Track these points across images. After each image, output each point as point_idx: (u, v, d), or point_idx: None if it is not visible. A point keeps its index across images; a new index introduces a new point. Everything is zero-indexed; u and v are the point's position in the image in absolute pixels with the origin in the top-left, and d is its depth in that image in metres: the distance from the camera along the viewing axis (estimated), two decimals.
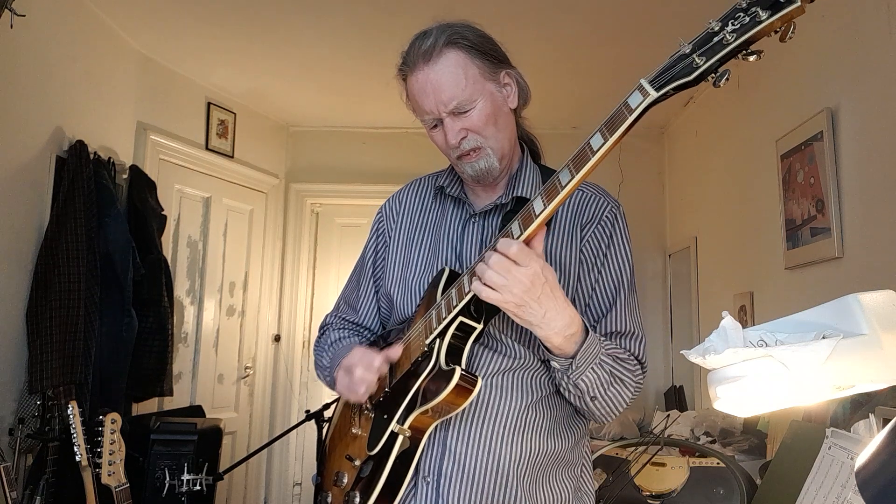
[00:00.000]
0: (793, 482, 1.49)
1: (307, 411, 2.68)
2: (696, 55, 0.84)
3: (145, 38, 3.37)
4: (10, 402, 2.52)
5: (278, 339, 4.55)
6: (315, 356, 1.48)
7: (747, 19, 0.80)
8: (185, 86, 3.80)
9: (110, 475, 2.15)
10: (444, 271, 1.23)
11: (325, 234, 4.76)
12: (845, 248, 2.16)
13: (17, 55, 2.52)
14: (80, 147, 2.81)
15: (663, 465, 2.17)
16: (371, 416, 1.26)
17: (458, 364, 1.14)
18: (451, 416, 1.17)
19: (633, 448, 2.23)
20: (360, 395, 1.22)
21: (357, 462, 1.26)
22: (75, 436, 2.12)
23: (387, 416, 1.20)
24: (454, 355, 1.15)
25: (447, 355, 1.15)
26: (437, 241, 1.33)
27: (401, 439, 1.16)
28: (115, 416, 2.21)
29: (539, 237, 1.07)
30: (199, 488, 2.62)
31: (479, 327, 1.16)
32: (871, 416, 1.39)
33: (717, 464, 2.12)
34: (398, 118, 4.26)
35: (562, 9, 2.92)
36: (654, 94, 0.87)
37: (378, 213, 1.47)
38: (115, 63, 3.26)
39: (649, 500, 2.13)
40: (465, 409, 1.15)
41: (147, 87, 3.52)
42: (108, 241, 2.88)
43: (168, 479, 2.62)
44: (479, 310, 1.15)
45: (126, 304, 2.90)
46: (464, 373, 1.11)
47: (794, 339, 0.76)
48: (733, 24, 0.80)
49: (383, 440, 1.18)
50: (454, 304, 1.13)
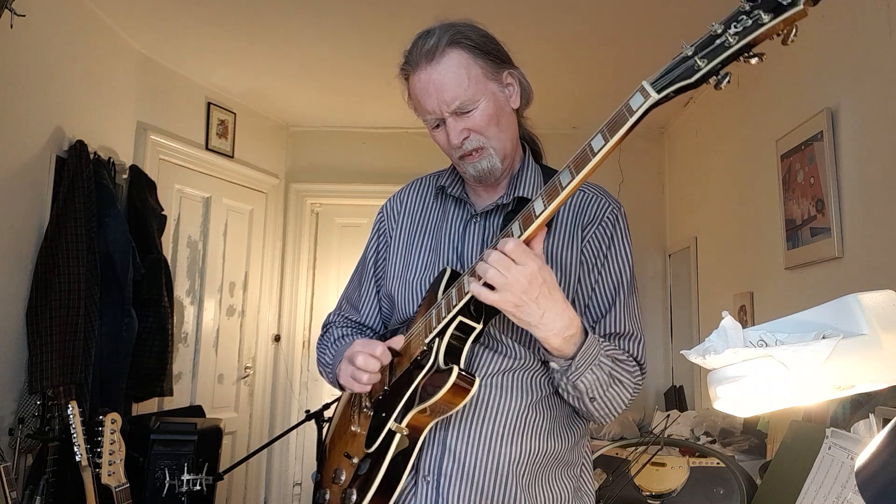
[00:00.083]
0: (793, 482, 1.48)
1: (307, 411, 2.69)
2: (697, 57, 0.83)
3: (145, 38, 3.37)
4: (10, 402, 2.52)
5: (278, 339, 4.55)
6: (318, 354, 1.48)
7: (750, 22, 0.79)
8: (185, 86, 3.80)
9: (110, 475, 2.15)
10: (445, 271, 1.23)
11: (325, 234, 4.76)
12: (845, 248, 2.16)
13: (17, 55, 2.52)
14: (80, 147, 2.81)
15: (663, 465, 2.17)
16: (370, 414, 1.26)
17: (457, 363, 1.14)
18: (450, 416, 1.17)
19: (633, 448, 2.23)
20: (364, 383, 1.20)
21: (355, 459, 1.26)
22: (75, 436, 2.12)
23: (385, 414, 1.20)
24: (453, 355, 1.15)
25: (446, 355, 1.15)
26: (439, 241, 1.33)
27: (398, 437, 1.16)
28: (115, 416, 2.21)
29: (539, 238, 1.07)
30: (199, 488, 2.62)
31: (479, 327, 1.16)
32: (871, 416, 1.39)
33: (717, 464, 2.12)
34: (398, 118, 4.29)
35: (562, 9, 2.92)
36: (655, 96, 0.87)
37: (379, 213, 1.47)
38: (115, 63, 3.26)
39: (649, 500, 2.13)
40: (464, 408, 1.15)
41: (147, 87, 3.52)
42: (108, 241, 2.88)
43: (168, 479, 2.62)
44: (478, 310, 1.15)
45: (126, 304, 2.90)
46: (462, 372, 1.11)
47: (794, 339, 0.76)
48: (735, 27, 0.80)
49: (381, 438, 1.18)
50: (454, 303, 1.13)
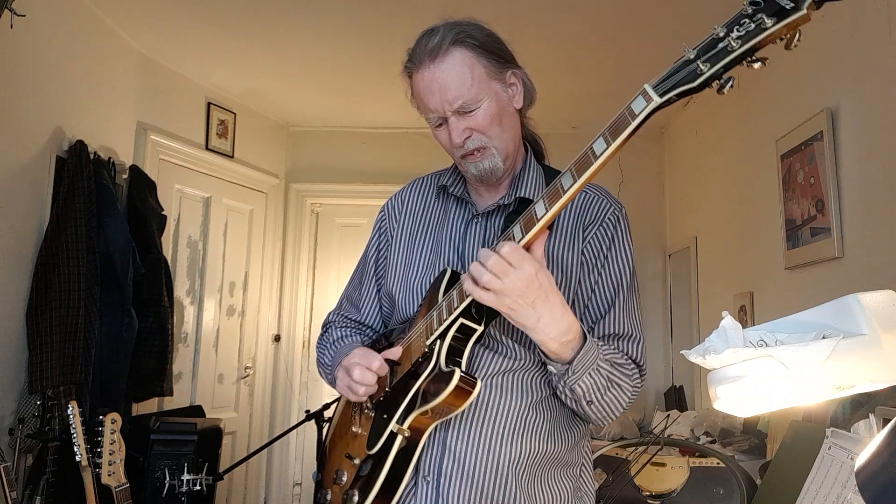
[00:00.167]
0: (793, 482, 1.48)
1: (307, 411, 2.69)
2: (700, 61, 0.82)
3: (145, 38, 3.37)
4: (10, 402, 2.52)
5: (278, 339, 4.55)
6: (317, 353, 1.48)
7: (752, 26, 0.78)
8: (185, 86, 3.80)
9: (110, 475, 2.15)
10: (445, 272, 1.23)
11: (325, 234, 4.76)
12: (845, 248, 2.16)
13: (17, 55, 2.52)
14: (80, 147, 2.81)
15: (663, 465, 2.17)
16: (371, 415, 1.26)
17: (458, 366, 1.14)
18: (450, 417, 1.17)
19: (633, 448, 2.23)
20: (360, 395, 1.22)
21: (356, 461, 1.26)
22: (75, 436, 2.12)
23: (386, 415, 1.20)
24: (454, 357, 1.15)
25: (447, 357, 1.15)
26: (440, 241, 1.33)
27: (400, 439, 1.16)
28: (115, 416, 2.21)
29: (540, 241, 1.06)
30: (199, 488, 2.62)
31: (480, 329, 1.16)
32: (871, 416, 1.39)
33: (717, 464, 2.12)
34: (398, 118, 4.28)
35: (562, 9, 2.92)
36: (657, 100, 0.86)
37: (380, 212, 1.46)
38: (115, 63, 3.26)
39: (649, 500, 2.13)
40: (464, 409, 1.15)
41: (147, 87, 3.52)
42: (108, 241, 2.88)
43: (168, 479, 2.62)
44: (479, 311, 1.15)
45: (126, 304, 2.90)
46: (463, 374, 1.11)
47: (794, 339, 0.76)
48: (738, 31, 0.79)
49: (382, 440, 1.18)
50: (455, 305, 1.13)
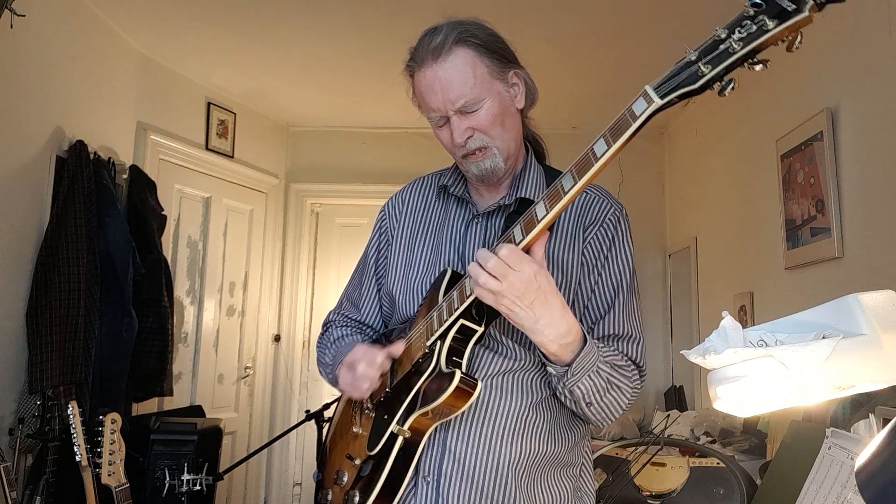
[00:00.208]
0: (793, 482, 1.48)
1: (307, 411, 2.69)
2: (701, 63, 0.82)
3: (145, 38, 3.37)
4: (10, 402, 2.52)
5: (278, 339, 4.55)
6: (318, 353, 1.48)
7: (754, 28, 0.78)
8: (185, 86, 3.80)
9: (110, 475, 2.15)
10: (446, 272, 1.22)
11: (325, 234, 4.76)
12: (845, 248, 2.16)
13: (17, 55, 2.52)
14: (80, 147, 2.81)
15: (663, 465, 2.17)
16: (372, 415, 1.26)
17: (459, 367, 1.14)
18: (451, 418, 1.17)
19: (633, 448, 2.23)
20: (363, 391, 1.22)
21: (357, 461, 1.26)
22: (75, 436, 2.12)
23: (387, 416, 1.20)
24: (455, 357, 1.15)
25: (448, 357, 1.15)
26: (440, 241, 1.32)
27: (400, 440, 1.16)
28: (115, 416, 2.21)
29: (540, 242, 1.06)
30: (199, 488, 2.63)
31: (480, 330, 1.16)
32: (871, 416, 1.39)
33: (717, 464, 2.12)
34: (398, 118, 4.28)
35: (562, 9, 2.92)
36: (658, 102, 0.86)
37: (381, 212, 1.46)
38: (115, 63, 3.26)
39: (649, 500, 2.13)
40: (464, 410, 1.15)
41: (147, 87, 3.52)
42: (108, 241, 2.88)
43: (168, 479, 2.62)
44: (480, 312, 1.14)
45: (126, 304, 2.90)
46: (464, 376, 1.11)
47: (794, 339, 0.76)
48: (740, 32, 0.79)
49: (383, 440, 1.18)
50: (455, 306, 1.13)
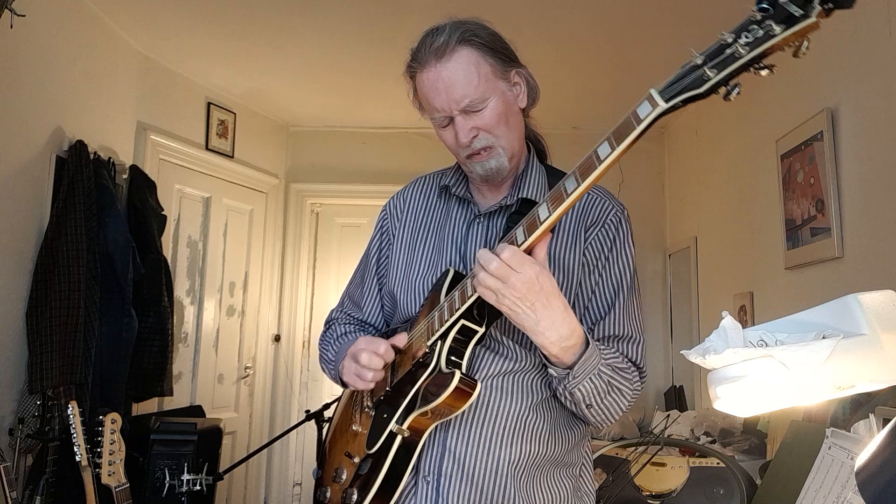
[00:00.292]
0: (793, 482, 1.48)
1: (307, 411, 2.69)
2: (707, 67, 0.81)
3: (145, 38, 3.37)
4: (10, 402, 2.52)
5: (278, 339, 4.55)
6: (320, 350, 1.48)
7: (761, 32, 0.77)
8: (185, 86, 3.80)
9: (110, 475, 2.15)
10: (448, 272, 1.22)
11: (325, 234, 4.76)
12: (845, 248, 2.16)
13: (17, 55, 2.52)
14: (80, 147, 2.81)
15: (663, 465, 2.17)
16: (371, 413, 1.26)
17: (459, 367, 1.14)
18: (450, 418, 1.17)
19: (633, 448, 2.22)
20: (368, 381, 1.21)
21: (356, 459, 1.26)
22: (75, 436, 2.12)
23: (386, 415, 1.20)
24: (455, 358, 1.15)
25: (448, 358, 1.14)
26: (442, 240, 1.32)
27: (399, 439, 1.16)
28: (115, 416, 2.21)
29: (543, 243, 1.06)
30: (199, 488, 2.62)
31: (481, 331, 1.15)
32: (871, 416, 1.39)
33: (717, 464, 2.12)
34: (398, 118, 4.28)
35: (562, 9, 2.92)
36: (663, 106, 0.85)
37: (382, 211, 1.46)
38: (115, 63, 3.26)
39: (649, 500, 2.13)
40: (464, 410, 1.15)
41: (147, 87, 3.52)
42: (108, 241, 2.88)
43: (168, 479, 2.62)
44: (481, 313, 1.14)
45: (126, 304, 2.90)
46: (463, 376, 1.11)
47: (794, 339, 0.76)
48: (746, 37, 0.78)
49: (382, 439, 1.18)
50: (456, 306, 1.13)
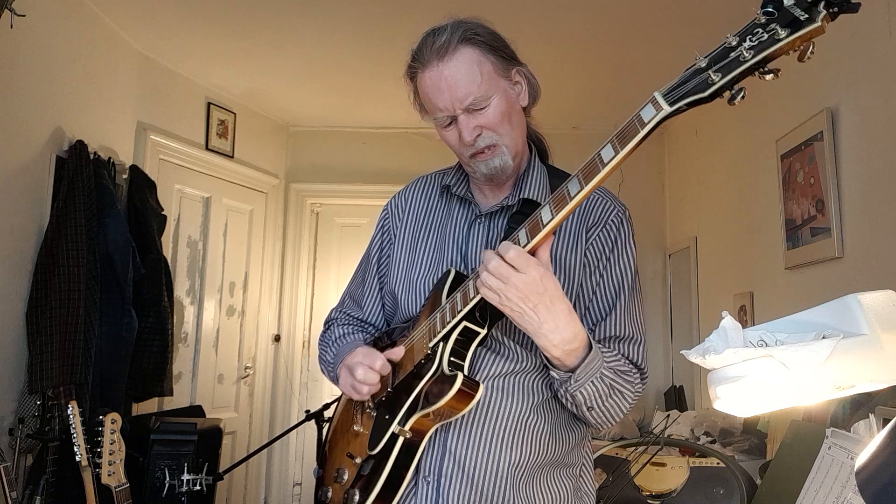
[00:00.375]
0: (793, 482, 1.48)
1: (307, 411, 2.69)
2: (711, 71, 0.80)
3: (145, 38, 3.37)
4: (10, 402, 2.52)
5: (278, 339, 4.55)
6: (319, 350, 1.48)
7: (766, 36, 0.76)
8: (185, 86, 3.80)
9: (110, 475, 2.15)
10: (449, 273, 1.22)
11: (325, 234, 4.76)
12: (845, 248, 2.16)
13: (17, 55, 2.52)
14: (80, 147, 2.81)
15: (663, 465, 2.17)
16: (373, 414, 1.26)
17: (461, 369, 1.13)
18: (452, 420, 1.17)
19: (633, 448, 2.22)
20: (363, 394, 1.22)
21: (358, 460, 1.26)
22: (75, 436, 2.12)
23: (388, 416, 1.20)
24: (457, 359, 1.15)
25: (450, 359, 1.14)
26: (443, 240, 1.32)
27: (401, 440, 1.16)
28: (115, 416, 2.21)
29: (545, 246, 1.06)
30: (199, 488, 2.63)
31: (483, 332, 1.15)
32: (871, 416, 1.39)
33: (717, 464, 2.12)
34: (398, 118, 4.28)
35: (563, 9, 2.92)
36: (667, 109, 0.85)
37: (383, 210, 1.46)
38: (115, 63, 3.26)
39: (649, 500, 2.12)
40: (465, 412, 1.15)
41: (147, 87, 3.52)
42: (108, 241, 2.88)
43: (168, 479, 2.63)
44: (483, 314, 1.14)
45: (126, 304, 2.90)
46: (466, 378, 1.11)
47: (794, 339, 0.76)
48: (751, 41, 0.77)
49: (384, 441, 1.18)
50: (459, 308, 1.12)
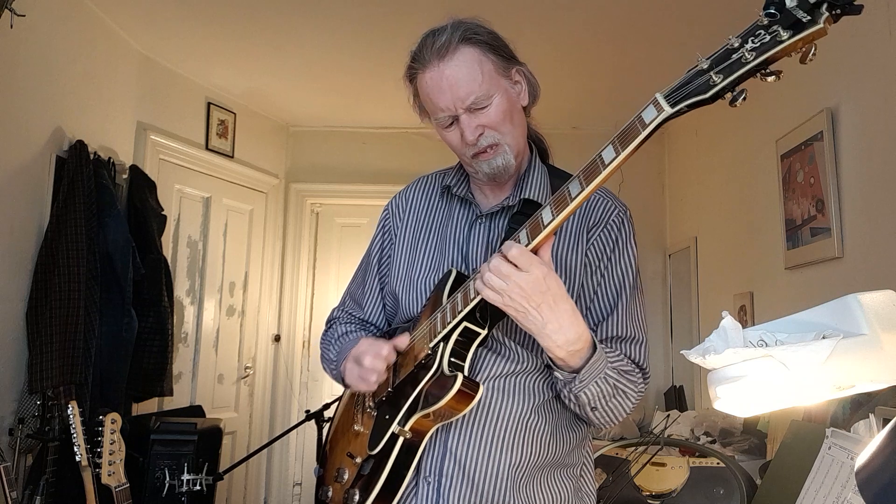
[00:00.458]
0: (793, 482, 1.48)
1: (307, 411, 2.69)
2: (713, 72, 0.80)
3: (145, 38, 3.37)
4: (10, 402, 2.51)
5: (278, 339, 4.55)
6: (321, 349, 1.47)
7: (768, 38, 0.76)
8: (185, 86, 3.80)
9: (110, 475, 2.15)
10: (450, 273, 1.22)
11: (325, 234, 4.76)
12: (845, 248, 2.16)
13: (17, 55, 2.52)
14: (80, 147, 2.81)
15: (663, 465, 2.17)
16: (373, 414, 1.26)
17: (461, 369, 1.13)
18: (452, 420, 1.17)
19: (633, 448, 2.22)
20: (371, 383, 1.21)
21: (358, 459, 1.26)
22: (75, 436, 2.12)
23: (388, 416, 1.20)
24: (457, 360, 1.15)
25: (450, 360, 1.14)
26: (443, 241, 1.32)
27: (401, 441, 1.16)
28: (115, 416, 2.21)
29: (546, 246, 1.06)
30: (199, 488, 2.63)
31: (484, 333, 1.15)
32: (871, 416, 1.39)
33: (717, 464, 2.12)
34: (398, 118, 4.28)
35: (563, 9, 2.92)
36: (669, 111, 0.85)
37: (384, 210, 1.46)
38: (115, 63, 3.26)
39: (649, 500, 2.12)
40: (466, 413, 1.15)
41: (147, 87, 3.52)
42: (108, 241, 2.88)
43: (168, 479, 2.63)
44: (484, 315, 1.14)
45: (126, 305, 2.90)
46: (466, 379, 1.11)
47: (794, 339, 0.76)
48: (753, 42, 0.77)
49: (384, 441, 1.18)
50: (459, 309, 1.12)
